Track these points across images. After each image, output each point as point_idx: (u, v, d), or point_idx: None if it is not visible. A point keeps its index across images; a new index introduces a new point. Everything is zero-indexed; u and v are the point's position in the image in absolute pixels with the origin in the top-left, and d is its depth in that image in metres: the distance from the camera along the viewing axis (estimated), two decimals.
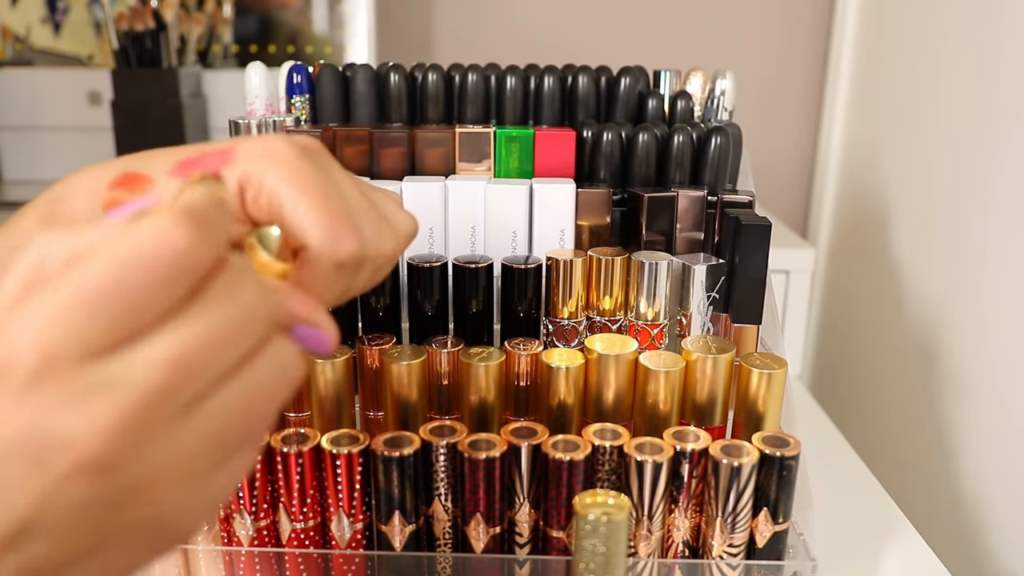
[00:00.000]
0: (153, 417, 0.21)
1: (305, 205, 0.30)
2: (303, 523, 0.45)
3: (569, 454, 0.43)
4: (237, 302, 0.23)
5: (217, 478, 0.24)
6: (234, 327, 0.23)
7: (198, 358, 0.22)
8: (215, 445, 0.23)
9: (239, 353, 0.23)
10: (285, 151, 0.30)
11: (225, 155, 0.30)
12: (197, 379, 0.22)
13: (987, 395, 0.78)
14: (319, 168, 0.31)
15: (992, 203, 0.79)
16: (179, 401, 0.22)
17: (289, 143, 0.31)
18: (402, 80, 0.61)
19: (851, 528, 0.60)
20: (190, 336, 0.21)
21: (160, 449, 0.21)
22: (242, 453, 0.24)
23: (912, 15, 0.98)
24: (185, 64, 1.16)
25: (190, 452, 0.22)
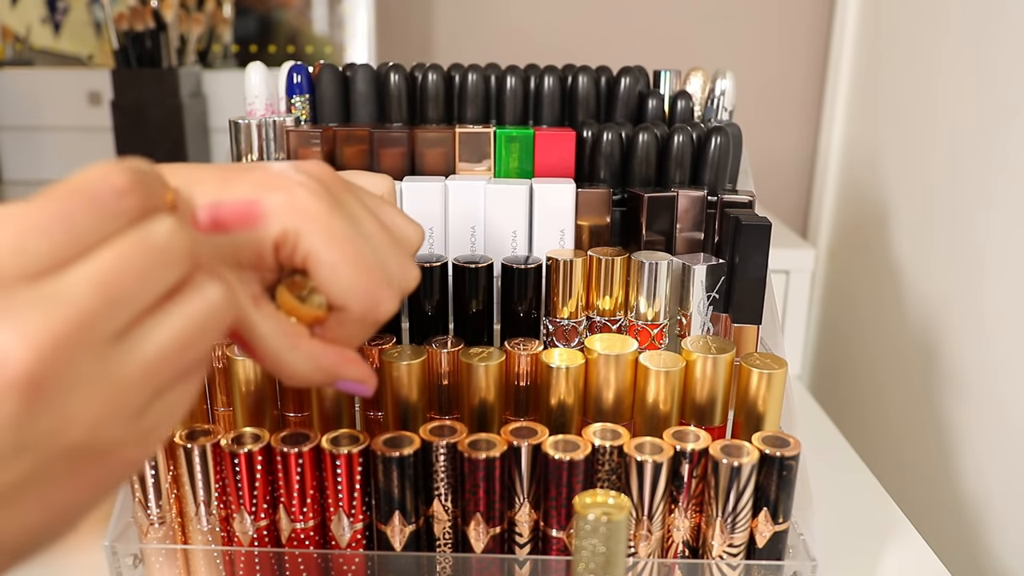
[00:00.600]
0: (84, 338, 0.22)
1: (344, 272, 0.31)
2: (303, 523, 0.45)
3: (569, 454, 0.43)
4: (154, 236, 0.24)
5: (152, 411, 0.25)
6: (152, 257, 0.24)
7: (122, 282, 0.23)
8: (148, 375, 0.24)
9: (163, 285, 0.24)
10: (316, 206, 0.31)
11: (252, 213, 0.31)
12: (125, 305, 0.23)
13: (987, 395, 0.78)
14: (347, 217, 0.32)
15: (992, 203, 0.79)
16: (109, 326, 0.23)
17: (313, 192, 0.32)
18: (402, 80, 0.61)
19: (851, 528, 0.60)
20: (111, 262, 0.23)
21: (93, 374, 0.22)
22: (177, 388, 0.26)
23: (912, 15, 0.98)
24: (185, 64, 1.16)
25: (123, 380, 0.23)
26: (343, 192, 0.34)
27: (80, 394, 0.22)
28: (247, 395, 0.49)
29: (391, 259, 0.34)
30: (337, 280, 0.31)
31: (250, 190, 0.31)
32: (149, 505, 0.46)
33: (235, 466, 0.44)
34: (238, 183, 0.32)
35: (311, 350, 0.33)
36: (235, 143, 0.57)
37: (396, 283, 0.33)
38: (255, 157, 0.58)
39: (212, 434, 0.45)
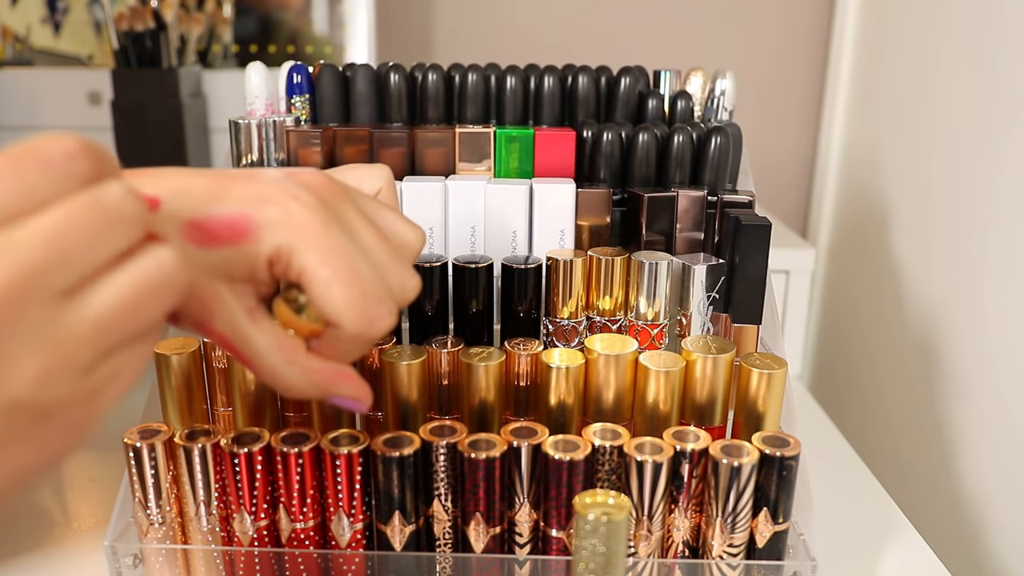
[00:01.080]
0: (29, 291, 0.22)
1: (339, 290, 0.31)
2: (303, 523, 0.45)
3: (569, 454, 0.43)
4: (104, 196, 0.24)
5: (99, 371, 0.25)
6: (102, 215, 0.24)
7: (72, 238, 0.23)
8: (95, 334, 0.24)
9: (114, 245, 0.24)
10: (310, 222, 0.31)
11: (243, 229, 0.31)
12: (72, 262, 0.23)
13: (987, 395, 0.78)
14: (343, 231, 0.32)
15: (992, 203, 0.79)
16: (56, 282, 0.23)
17: (308, 206, 0.31)
18: (402, 80, 0.61)
19: (851, 528, 0.60)
20: (61, 218, 0.23)
21: (37, 327, 0.23)
22: (126, 351, 0.26)
23: (912, 15, 0.98)
24: (185, 64, 1.16)
25: (68, 337, 0.23)
26: (339, 202, 0.33)
27: (23, 347, 0.22)
28: (247, 395, 0.49)
29: (389, 272, 0.33)
30: (332, 298, 0.31)
31: (242, 204, 0.31)
32: (149, 505, 0.46)
33: (235, 466, 0.44)
34: (230, 196, 0.31)
35: (307, 365, 0.33)
36: (235, 143, 0.57)
37: (394, 297, 0.33)
38: (255, 157, 0.58)
39: (212, 434, 0.45)
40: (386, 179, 0.39)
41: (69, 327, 0.23)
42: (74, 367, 0.24)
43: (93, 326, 0.24)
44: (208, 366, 0.51)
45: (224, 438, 0.45)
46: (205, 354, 0.51)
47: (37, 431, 0.24)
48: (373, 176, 0.39)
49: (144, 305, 0.25)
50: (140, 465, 0.45)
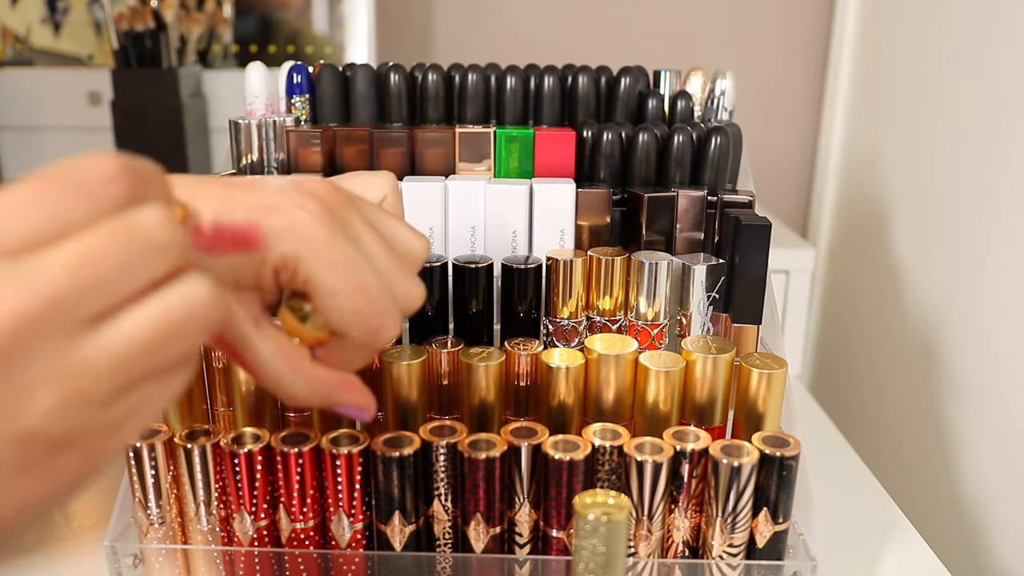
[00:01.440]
0: (53, 319, 0.22)
1: (344, 299, 0.31)
2: (303, 523, 0.45)
3: (569, 454, 0.43)
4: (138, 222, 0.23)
5: (121, 404, 0.24)
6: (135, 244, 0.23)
7: (99, 267, 0.22)
8: (118, 367, 0.23)
9: (144, 275, 0.23)
10: (316, 231, 0.31)
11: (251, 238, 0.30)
12: (99, 291, 0.22)
13: (987, 395, 0.78)
14: (348, 241, 0.32)
15: (992, 203, 0.79)
16: (81, 311, 0.22)
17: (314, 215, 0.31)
18: (402, 80, 0.61)
19: (851, 528, 0.60)
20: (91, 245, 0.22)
21: (57, 357, 0.22)
22: (151, 385, 0.25)
23: (912, 15, 0.98)
24: (185, 64, 1.16)
25: (91, 368, 0.23)
26: (344, 211, 0.33)
27: (39, 377, 0.22)
28: (247, 395, 0.49)
29: (394, 280, 0.33)
30: (337, 307, 0.31)
31: (249, 212, 0.31)
32: (149, 505, 0.46)
33: (235, 466, 0.44)
34: (236, 204, 0.31)
35: (311, 374, 0.33)
36: (235, 143, 0.57)
37: (399, 306, 0.33)
38: (255, 157, 0.58)
39: (212, 434, 0.45)
40: (391, 187, 0.39)
41: (89, 358, 0.22)
42: (92, 400, 0.23)
43: (114, 359, 0.23)
44: (208, 366, 0.51)
45: (224, 438, 0.45)
46: (205, 354, 0.51)
47: (51, 462, 0.23)
48: (378, 184, 0.39)
49: (171, 339, 0.24)
50: (140, 465, 0.45)
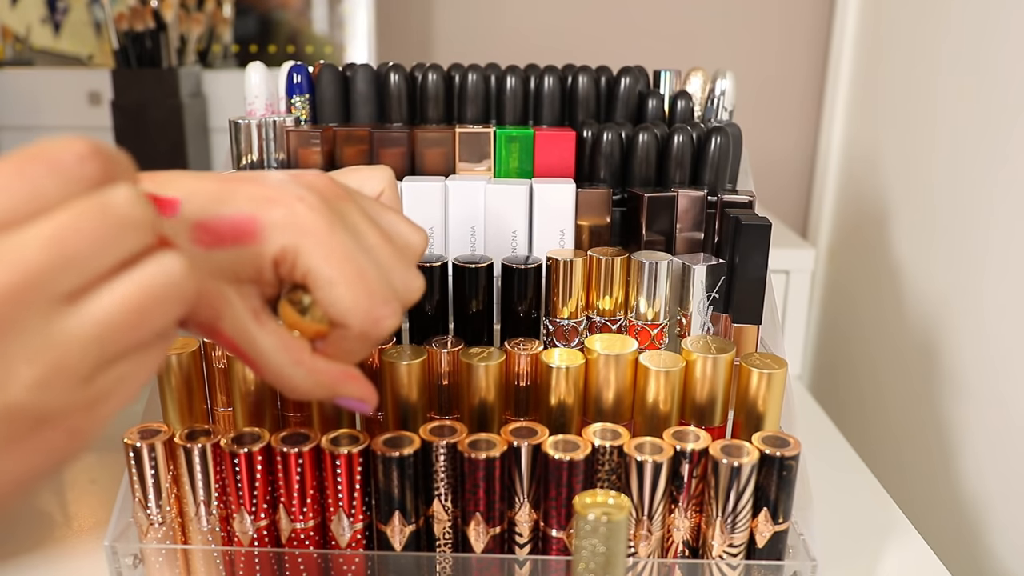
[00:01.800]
0: (31, 294, 0.22)
1: (344, 290, 0.31)
2: (303, 523, 0.45)
3: (569, 454, 0.43)
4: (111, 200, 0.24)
5: (101, 379, 0.24)
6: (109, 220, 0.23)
7: (75, 243, 0.23)
8: (97, 340, 0.23)
9: (118, 251, 0.24)
10: (315, 223, 0.31)
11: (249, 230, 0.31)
12: (76, 267, 0.23)
13: (987, 395, 0.78)
14: (347, 232, 0.32)
15: (992, 203, 0.79)
16: (59, 286, 0.22)
17: (313, 207, 0.31)
18: (402, 80, 0.61)
19: (851, 528, 0.60)
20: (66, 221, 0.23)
21: (37, 332, 0.22)
22: (131, 359, 0.25)
23: (912, 15, 0.98)
24: (185, 64, 1.16)
25: (69, 342, 0.23)
26: (343, 203, 0.33)
27: (21, 351, 0.22)
28: (247, 395, 0.49)
29: (394, 272, 0.33)
30: (337, 298, 0.31)
31: (247, 205, 0.31)
32: (149, 505, 0.46)
33: (235, 466, 0.44)
34: (235, 197, 0.31)
35: (313, 366, 0.33)
36: (235, 143, 0.57)
37: (399, 297, 0.33)
38: (255, 157, 0.58)
39: (212, 434, 0.45)
40: (388, 181, 0.39)
41: (70, 332, 0.23)
42: (74, 373, 0.23)
43: (94, 332, 0.23)
44: (208, 366, 0.51)
45: (224, 438, 0.45)
46: (205, 354, 0.51)
47: (36, 437, 0.24)
48: (375, 178, 0.39)
49: (149, 313, 0.25)
50: (140, 465, 0.45)
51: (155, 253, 0.25)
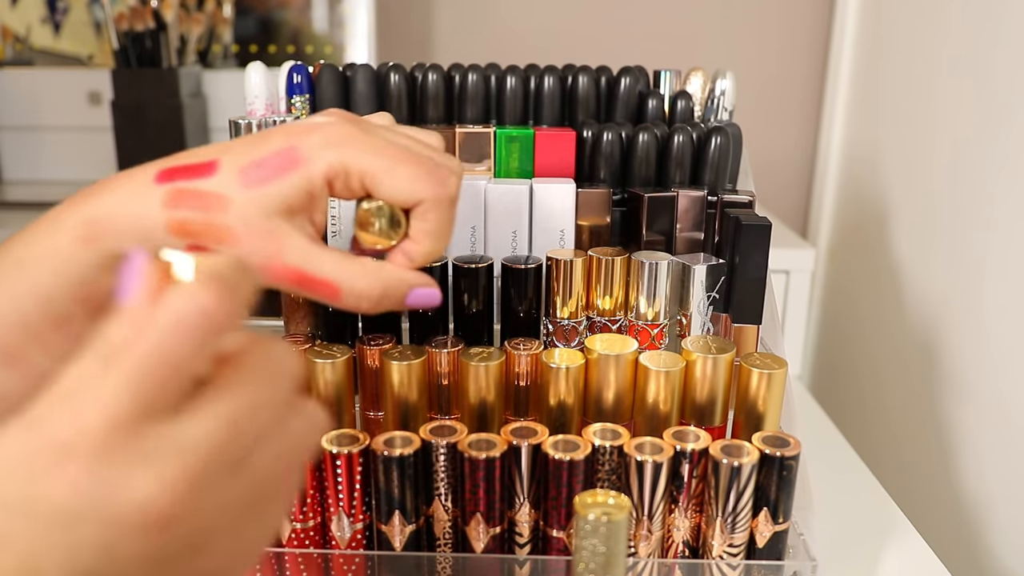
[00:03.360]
0: (211, 475, 0.22)
1: (402, 170, 0.35)
2: (303, 523, 0.45)
3: (569, 454, 0.43)
4: (275, 363, 0.25)
5: (256, 528, 0.25)
6: (271, 388, 0.24)
7: (246, 419, 0.23)
8: (258, 498, 0.24)
9: (276, 412, 0.24)
10: (351, 132, 0.35)
11: (292, 157, 0.34)
12: (245, 438, 0.23)
13: (987, 395, 0.78)
14: (378, 134, 0.36)
15: (992, 203, 0.79)
16: (231, 459, 0.23)
17: (343, 124, 0.35)
18: (402, 80, 0.61)
19: (851, 528, 0.60)
20: (238, 399, 0.23)
21: (213, 504, 0.22)
22: (277, 502, 0.26)
23: (912, 15, 0.98)
24: (185, 64, 1.16)
25: (237, 505, 0.23)
26: (365, 121, 0.37)
27: (202, 523, 0.22)
28: None
29: (432, 152, 0.37)
30: (399, 180, 0.34)
31: (283, 140, 0.34)
32: None
33: None
34: (269, 138, 0.34)
35: (377, 269, 0.36)
36: None
37: (449, 163, 0.36)
38: None
39: None
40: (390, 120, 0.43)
41: (238, 496, 0.23)
42: (240, 529, 0.24)
43: (256, 492, 0.24)
44: None
45: None
46: None
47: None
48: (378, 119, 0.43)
49: (298, 463, 0.26)
50: None
51: (298, 402, 0.26)
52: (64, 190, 1.36)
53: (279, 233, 0.34)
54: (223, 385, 0.23)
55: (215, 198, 0.34)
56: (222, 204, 0.34)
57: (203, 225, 0.34)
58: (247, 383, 0.24)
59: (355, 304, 0.36)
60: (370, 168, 0.34)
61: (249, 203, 0.33)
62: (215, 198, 0.34)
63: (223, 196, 0.34)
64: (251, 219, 0.34)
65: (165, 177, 0.35)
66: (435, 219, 0.36)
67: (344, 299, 0.35)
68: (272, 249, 0.34)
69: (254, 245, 0.34)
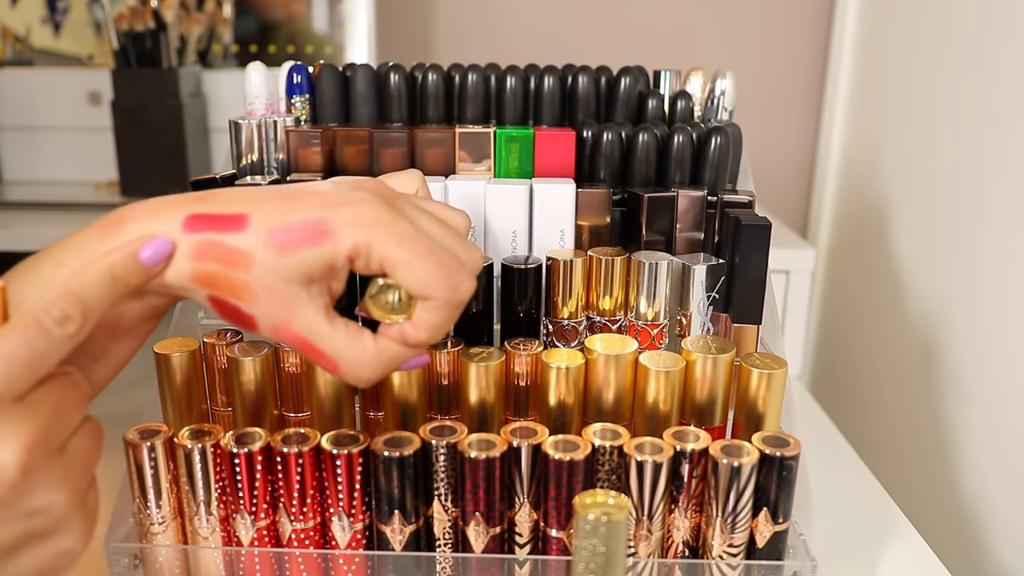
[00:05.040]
0: (42, 452, 0.30)
1: (419, 266, 0.35)
2: (303, 523, 0.45)
3: (569, 454, 0.43)
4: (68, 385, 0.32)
5: None
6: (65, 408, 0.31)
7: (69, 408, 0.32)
8: (79, 472, 0.32)
9: (72, 425, 0.32)
10: (380, 216, 0.36)
11: (321, 230, 0.35)
12: (56, 436, 0.31)
13: (987, 395, 0.78)
14: (408, 220, 0.36)
15: (992, 203, 0.79)
16: (51, 446, 0.30)
17: (375, 204, 0.36)
18: (402, 80, 0.61)
19: (851, 528, 0.60)
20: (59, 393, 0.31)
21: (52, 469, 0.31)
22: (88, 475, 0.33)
23: (912, 15, 0.98)
24: (185, 64, 1.16)
25: (70, 473, 0.31)
26: (397, 200, 0.37)
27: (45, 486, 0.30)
28: (247, 395, 0.49)
29: (456, 246, 0.37)
30: (416, 274, 0.35)
31: (315, 210, 0.35)
32: (149, 505, 0.46)
33: (235, 466, 0.44)
34: (301, 205, 0.36)
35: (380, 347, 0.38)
36: (235, 143, 0.57)
37: (468, 264, 0.37)
38: (255, 157, 0.58)
39: (212, 434, 0.45)
40: (420, 181, 0.45)
41: (68, 467, 0.32)
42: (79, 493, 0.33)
43: (78, 468, 0.33)
44: (208, 366, 0.51)
45: (224, 438, 0.45)
46: (205, 354, 0.51)
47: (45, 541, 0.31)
48: (408, 180, 0.44)
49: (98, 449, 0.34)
50: (140, 465, 0.45)
51: (86, 421, 0.34)
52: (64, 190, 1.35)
53: (295, 301, 0.36)
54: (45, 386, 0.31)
55: (240, 256, 0.35)
56: (246, 264, 0.35)
57: (225, 281, 0.35)
58: (58, 395, 0.31)
59: (352, 381, 0.38)
60: (392, 257, 0.35)
61: (272, 267, 0.35)
62: (240, 256, 0.35)
63: (248, 255, 0.35)
64: (271, 282, 0.35)
65: (194, 226, 0.35)
66: (440, 317, 0.37)
67: (343, 374, 0.37)
68: (285, 315, 0.36)
69: (269, 307, 0.35)
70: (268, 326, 0.36)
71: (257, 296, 0.35)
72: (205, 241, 0.35)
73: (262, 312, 0.36)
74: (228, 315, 0.37)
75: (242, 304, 0.36)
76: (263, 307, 0.35)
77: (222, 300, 0.36)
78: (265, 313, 0.36)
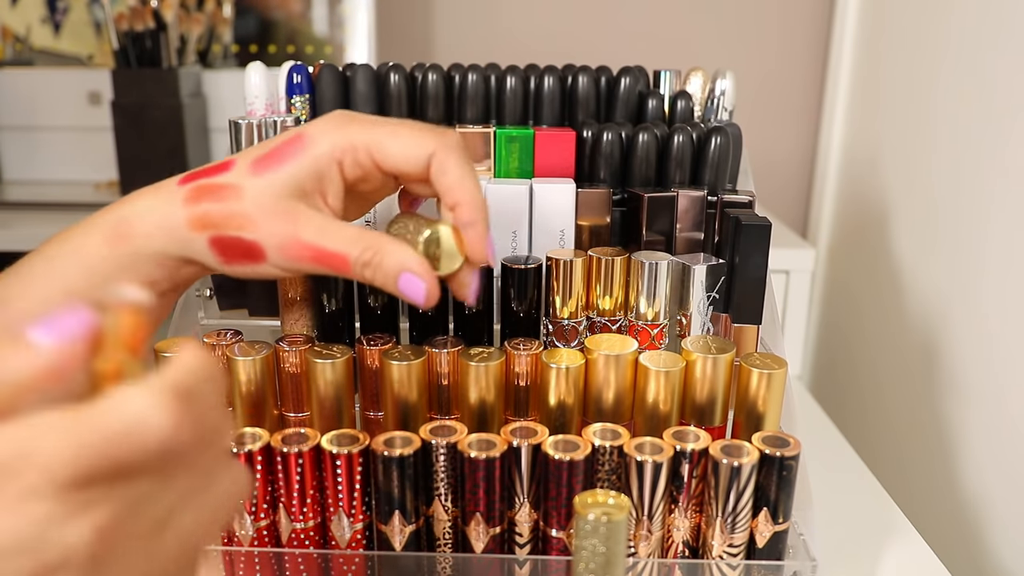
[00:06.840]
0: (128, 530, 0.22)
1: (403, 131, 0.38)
2: (303, 523, 0.45)
3: (569, 454, 0.43)
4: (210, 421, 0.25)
5: None
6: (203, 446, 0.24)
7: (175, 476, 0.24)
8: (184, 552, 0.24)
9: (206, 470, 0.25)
10: (352, 116, 0.39)
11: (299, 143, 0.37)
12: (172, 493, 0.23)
13: (987, 395, 0.78)
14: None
15: (992, 203, 0.79)
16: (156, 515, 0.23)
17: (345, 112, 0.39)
18: (402, 80, 0.61)
19: (851, 528, 0.60)
20: None
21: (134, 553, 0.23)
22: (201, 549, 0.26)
23: (912, 15, 0.98)
24: (185, 64, 1.16)
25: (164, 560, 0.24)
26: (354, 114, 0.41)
27: None
28: (247, 395, 0.49)
29: None
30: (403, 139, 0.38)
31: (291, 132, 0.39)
32: None
33: None
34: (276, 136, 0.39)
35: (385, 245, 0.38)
36: (235, 143, 0.57)
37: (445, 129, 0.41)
38: None
39: None
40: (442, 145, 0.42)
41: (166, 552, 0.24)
42: None
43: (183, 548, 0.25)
44: None
45: None
46: None
47: None
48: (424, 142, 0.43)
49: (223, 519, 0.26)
50: None
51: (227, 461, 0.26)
52: (64, 190, 1.36)
53: (295, 213, 0.37)
54: None
55: (229, 188, 0.36)
56: (237, 193, 0.36)
57: (220, 214, 0.36)
58: None
59: (369, 278, 0.38)
60: (374, 137, 0.37)
61: (261, 188, 0.36)
62: (229, 188, 0.36)
63: (237, 185, 0.36)
64: (265, 203, 0.36)
65: (186, 179, 0.38)
66: (454, 165, 0.39)
67: (354, 273, 0.38)
68: (288, 229, 0.37)
69: (271, 227, 0.36)
70: (275, 247, 0.37)
71: (255, 221, 0.36)
72: (195, 187, 0.37)
73: (266, 234, 0.36)
74: (234, 254, 0.37)
75: (243, 233, 0.37)
76: (265, 229, 0.36)
77: (224, 237, 0.37)
78: (269, 234, 0.36)
